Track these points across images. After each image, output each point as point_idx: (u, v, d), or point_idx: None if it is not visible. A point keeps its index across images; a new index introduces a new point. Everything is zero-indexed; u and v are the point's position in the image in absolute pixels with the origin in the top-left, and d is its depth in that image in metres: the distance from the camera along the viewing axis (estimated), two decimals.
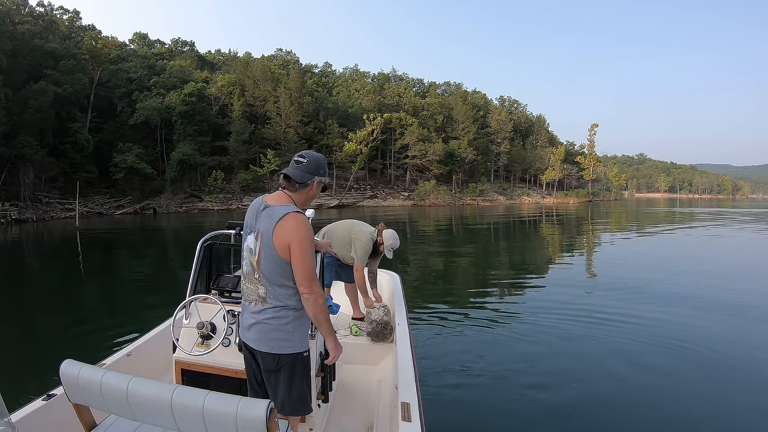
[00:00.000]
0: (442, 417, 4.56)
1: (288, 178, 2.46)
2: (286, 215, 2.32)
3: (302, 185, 2.48)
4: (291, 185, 2.47)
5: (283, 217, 2.32)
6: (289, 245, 2.31)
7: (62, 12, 53.25)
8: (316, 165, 2.49)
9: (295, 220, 2.32)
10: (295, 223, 2.32)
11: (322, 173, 2.52)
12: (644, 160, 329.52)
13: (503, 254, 18.64)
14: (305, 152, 2.52)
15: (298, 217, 2.34)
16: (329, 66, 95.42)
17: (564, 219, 40.29)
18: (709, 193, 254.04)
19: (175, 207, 47.90)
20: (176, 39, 76.59)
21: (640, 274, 12.99)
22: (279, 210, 2.36)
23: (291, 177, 2.44)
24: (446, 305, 9.52)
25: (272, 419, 1.82)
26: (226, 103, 58.57)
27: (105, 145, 47.29)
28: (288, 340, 2.43)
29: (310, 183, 2.49)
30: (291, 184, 2.47)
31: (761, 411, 5.03)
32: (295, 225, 2.31)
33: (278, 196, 2.49)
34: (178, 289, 3.63)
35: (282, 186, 2.51)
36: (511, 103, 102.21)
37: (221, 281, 3.60)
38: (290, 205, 2.40)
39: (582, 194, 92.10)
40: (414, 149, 70.44)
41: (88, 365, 2.16)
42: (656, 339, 7.15)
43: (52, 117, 40.82)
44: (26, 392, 3.92)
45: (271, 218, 2.35)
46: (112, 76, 53.65)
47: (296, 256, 2.31)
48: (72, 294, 11.10)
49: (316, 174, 2.49)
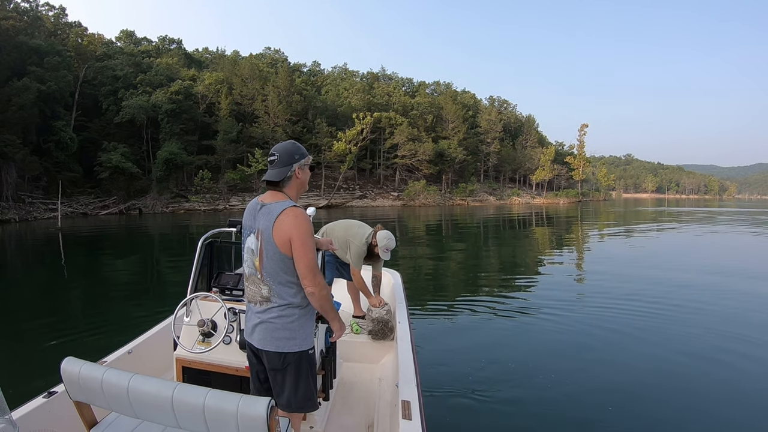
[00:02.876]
0: (443, 415, 4.66)
1: (271, 182, 2.48)
2: (284, 210, 2.34)
3: (286, 180, 2.48)
4: (276, 185, 2.49)
5: (282, 212, 2.34)
6: (290, 239, 2.33)
7: (48, 8, 52.34)
8: (288, 155, 2.47)
9: (293, 215, 2.34)
10: (294, 218, 2.34)
11: (299, 157, 2.50)
12: (631, 161, 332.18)
13: (503, 254, 18.52)
14: (274, 148, 2.51)
15: (296, 211, 2.36)
16: (318, 65, 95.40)
17: (559, 219, 40.01)
18: (696, 194, 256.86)
19: (161, 207, 47.35)
20: (163, 37, 76.06)
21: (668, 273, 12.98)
22: (276, 206, 2.38)
23: (273, 180, 2.46)
24: (447, 303, 9.64)
25: (273, 417, 1.81)
26: (213, 102, 58.05)
27: (90, 144, 46.77)
28: (294, 338, 2.44)
29: (291, 174, 2.48)
30: (275, 184, 2.48)
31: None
32: (294, 219, 2.34)
33: (272, 194, 2.49)
34: (163, 293, 3.55)
35: (269, 188, 2.52)
36: (500, 103, 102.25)
37: (222, 279, 3.64)
38: (286, 201, 2.42)
39: (572, 194, 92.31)
40: (404, 149, 70.18)
41: (89, 363, 2.15)
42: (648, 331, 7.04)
43: (35, 115, 40.19)
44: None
45: (269, 215, 2.37)
46: (98, 73, 53.00)
47: (297, 249, 2.34)
48: (52, 298, 10.61)
49: (292, 163, 2.48)
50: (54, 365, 2.23)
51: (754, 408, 5.07)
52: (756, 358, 6.42)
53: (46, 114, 41.85)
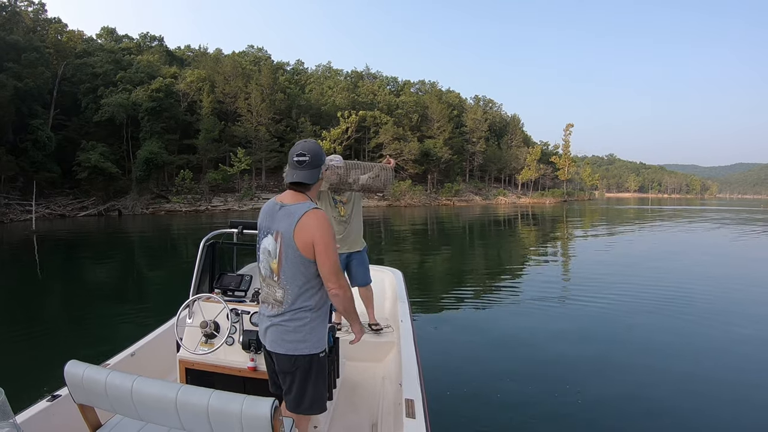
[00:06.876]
0: (447, 413, 4.67)
1: (299, 184, 2.42)
2: (306, 213, 2.31)
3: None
4: (303, 187, 2.44)
5: (304, 214, 2.31)
6: (313, 243, 2.30)
7: (27, 4, 51.15)
8: (318, 156, 2.43)
9: (316, 217, 2.32)
10: (317, 221, 2.31)
11: (324, 158, 2.49)
12: (614, 161, 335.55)
13: (501, 254, 18.79)
14: (302, 147, 2.41)
15: (318, 213, 2.35)
16: (301, 63, 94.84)
17: (553, 219, 40.17)
18: (678, 193, 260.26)
19: (141, 208, 46.48)
20: (144, 34, 74.77)
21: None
22: (298, 208, 2.34)
23: (304, 182, 2.40)
24: (449, 302, 9.83)
25: (277, 417, 1.81)
26: (195, 100, 57.18)
27: (68, 143, 45.71)
28: (305, 341, 2.41)
29: (320, 177, 2.47)
30: (303, 186, 2.43)
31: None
32: (317, 222, 2.31)
33: (293, 195, 2.44)
34: (156, 297, 3.24)
35: (293, 188, 2.46)
36: (486, 103, 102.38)
37: (224, 280, 3.60)
38: (308, 203, 2.39)
39: (557, 194, 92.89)
40: (389, 148, 69.61)
41: (92, 365, 2.15)
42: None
43: (11, 113, 39.20)
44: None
45: (290, 217, 2.33)
46: (77, 70, 51.90)
47: (320, 252, 2.31)
48: (18, 306, 10.02)
49: (321, 164, 2.46)
50: (56, 369, 2.25)
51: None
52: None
53: (23, 112, 40.84)
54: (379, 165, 4.38)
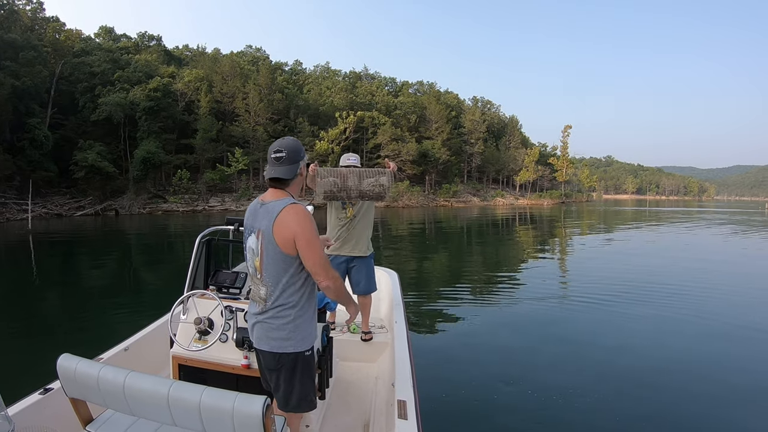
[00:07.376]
0: (439, 415, 4.67)
1: (277, 180, 2.38)
2: (284, 208, 2.28)
3: (292, 177, 2.41)
4: (282, 183, 2.40)
5: (282, 210, 2.28)
6: (293, 238, 2.28)
7: (25, 2, 50.92)
8: (295, 152, 2.39)
9: (294, 212, 2.29)
10: (295, 215, 2.28)
11: (303, 154, 2.45)
12: (612, 162, 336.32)
13: (498, 256, 18.77)
14: (279, 144, 2.40)
15: (297, 207, 2.31)
16: (299, 64, 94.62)
17: (550, 221, 40.10)
18: (676, 195, 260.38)
19: (138, 208, 46.35)
20: (142, 33, 74.47)
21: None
22: (276, 205, 2.32)
23: (280, 178, 2.37)
24: (445, 304, 9.80)
25: (269, 415, 1.82)
26: (192, 100, 57.00)
27: (65, 142, 45.60)
28: (289, 339, 2.40)
29: (298, 172, 2.43)
30: (281, 182, 2.40)
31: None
32: (296, 217, 2.28)
33: (274, 192, 2.42)
34: (140, 299, 3.17)
35: (272, 186, 2.43)
36: (484, 104, 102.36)
37: (219, 277, 3.57)
38: (286, 198, 2.36)
39: (555, 195, 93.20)
40: (387, 149, 69.60)
41: (85, 359, 2.17)
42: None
43: (9, 111, 39.13)
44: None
45: (269, 214, 2.31)
46: (75, 69, 51.70)
47: (303, 247, 2.29)
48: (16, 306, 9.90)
49: (299, 160, 2.42)
50: (49, 363, 2.25)
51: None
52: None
53: (20, 111, 40.74)
54: (378, 170, 4.25)
